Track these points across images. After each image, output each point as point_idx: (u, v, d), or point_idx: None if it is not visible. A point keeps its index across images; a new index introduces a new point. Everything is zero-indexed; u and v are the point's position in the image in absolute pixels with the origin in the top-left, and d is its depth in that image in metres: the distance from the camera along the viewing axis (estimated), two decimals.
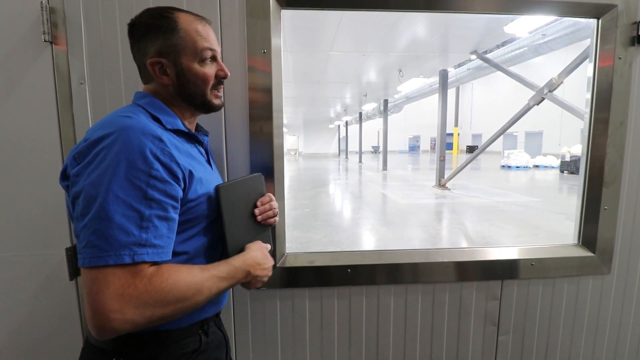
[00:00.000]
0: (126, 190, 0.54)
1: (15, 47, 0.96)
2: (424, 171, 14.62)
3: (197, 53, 0.69)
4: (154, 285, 0.55)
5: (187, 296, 0.58)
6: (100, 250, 0.52)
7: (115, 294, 0.52)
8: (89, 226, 0.53)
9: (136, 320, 0.53)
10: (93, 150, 0.56)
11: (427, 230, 5.04)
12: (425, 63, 8.30)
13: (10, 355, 1.06)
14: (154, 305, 0.54)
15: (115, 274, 0.53)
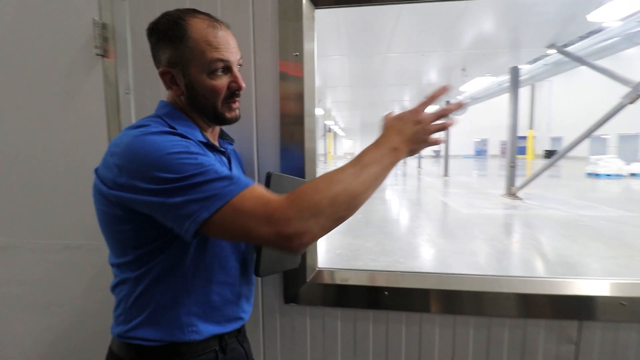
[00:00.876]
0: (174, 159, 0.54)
1: (72, 61, 1.04)
2: (491, 178, 13.43)
3: (205, 65, 0.64)
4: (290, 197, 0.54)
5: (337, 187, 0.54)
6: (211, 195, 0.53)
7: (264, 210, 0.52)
8: (184, 192, 0.53)
9: (309, 223, 0.52)
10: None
11: (493, 244, 4.55)
12: (492, 60, 7.61)
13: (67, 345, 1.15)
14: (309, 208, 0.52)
15: (246, 197, 0.53)
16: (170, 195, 0.52)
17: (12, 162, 1.10)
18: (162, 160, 0.53)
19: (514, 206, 7.18)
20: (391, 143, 0.62)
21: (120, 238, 0.62)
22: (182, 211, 0.52)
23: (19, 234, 1.11)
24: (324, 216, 0.53)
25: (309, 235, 0.52)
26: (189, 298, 0.65)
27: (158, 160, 0.53)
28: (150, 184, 0.53)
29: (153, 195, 0.53)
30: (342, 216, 0.55)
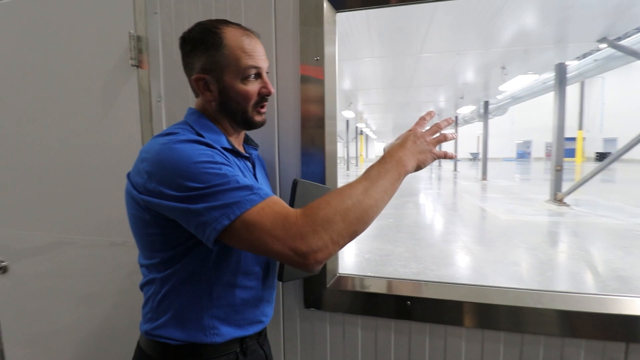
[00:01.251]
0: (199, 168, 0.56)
1: (111, 72, 1.12)
2: (534, 182, 12.60)
3: (240, 71, 0.68)
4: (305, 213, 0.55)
5: (349, 204, 0.56)
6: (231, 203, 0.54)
7: (278, 224, 0.54)
8: (206, 198, 0.55)
9: (323, 240, 0.53)
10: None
11: (535, 254, 4.25)
12: (535, 57, 7.14)
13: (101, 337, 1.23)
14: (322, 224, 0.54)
15: (265, 210, 0.55)
16: (193, 202, 0.54)
17: (63, 166, 1.20)
18: (189, 169, 0.55)
19: (559, 213, 6.67)
20: (395, 156, 0.65)
21: (148, 241, 0.66)
22: (204, 218, 0.54)
23: (72, 231, 1.20)
24: (337, 231, 0.54)
25: (323, 252, 0.53)
26: (211, 301, 0.67)
27: (185, 168, 0.56)
28: (176, 191, 0.55)
29: (178, 201, 0.55)
30: (354, 230, 0.56)
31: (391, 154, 0.65)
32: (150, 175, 0.58)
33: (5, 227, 1.32)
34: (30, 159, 1.25)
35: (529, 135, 28.21)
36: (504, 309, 0.88)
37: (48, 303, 1.29)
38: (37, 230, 1.27)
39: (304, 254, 0.52)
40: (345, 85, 9.41)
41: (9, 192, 1.29)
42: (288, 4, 0.95)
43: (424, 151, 0.68)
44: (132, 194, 0.62)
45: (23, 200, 1.27)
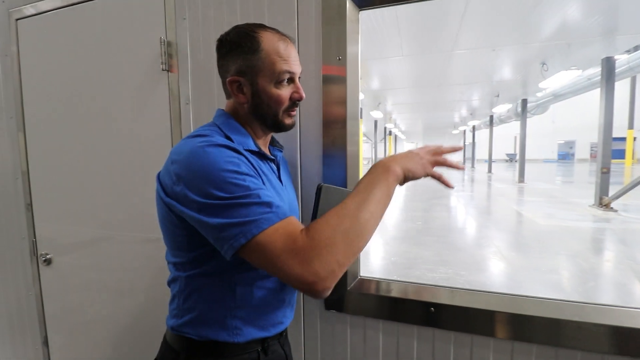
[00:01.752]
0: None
1: (143, 76, 1.18)
2: (578, 185, 11.79)
3: (274, 75, 0.68)
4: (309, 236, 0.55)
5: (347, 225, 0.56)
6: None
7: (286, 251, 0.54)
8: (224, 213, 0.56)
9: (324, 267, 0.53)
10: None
11: (576, 262, 3.97)
12: (579, 51, 6.66)
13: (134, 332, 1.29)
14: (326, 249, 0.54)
15: (279, 232, 0.55)
16: (213, 214, 0.55)
17: (103, 165, 1.28)
18: (215, 176, 0.56)
19: (606, 219, 6.18)
20: (380, 165, 0.65)
21: (175, 240, 0.68)
22: (222, 234, 0.55)
23: (113, 227, 1.27)
24: (342, 252, 0.53)
25: (331, 277, 0.53)
26: (234, 302, 0.68)
27: (212, 175, 0.56)
28: (199, 197, 0.56)
29: (198, 211, 0.57)
30: (358, 248, 0.56)
31: (377, 164, 0.66)
32: (179, 177, 0.59)
33: (52, 222, 1.42)
34: (74, 159, 1.34)
35: (572, 135, 26.41)
36: (537, 320, 0.83)
37: (88, 295, 1.37)
38: (79, 226, 1.36)
39: (312, 283, 0.52)
40: (374, 85, 9.29)
41: (55, 191, 1.40)
42: (310, 4, 0.95)
43: (415, 162, 0.68)
44: (160, 195, 0.64)
45: (68, 198, 1.37)
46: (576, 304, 0.85)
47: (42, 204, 1.45)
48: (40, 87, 1.40)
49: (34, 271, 1.49)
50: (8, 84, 1.46)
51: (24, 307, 1.55)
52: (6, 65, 1.45)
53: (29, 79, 1.42)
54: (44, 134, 1.41)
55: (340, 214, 0.57)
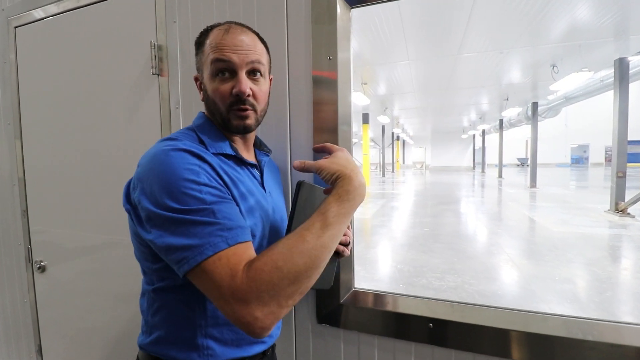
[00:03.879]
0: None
1: (135, 80, 1.15)
2: (592, 190, 11.46)
3: (209, 66, 0.64)
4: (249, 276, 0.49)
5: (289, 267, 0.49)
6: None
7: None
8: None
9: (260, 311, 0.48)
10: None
11: (592, 270, 3.82)
12: (591, 52, 6.52)
13: None
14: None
15: (222, 261, 0.50)
16: (161, 227, 0.52)
17: (99, 169, 1.26)
18: (171, 184, 0.52)
19: (622, 225, 5.97)
20: (359, 191, 0.58)
21: (139, 250, 0.63)
22: (169, 256, 0.52)
23: (114, 232, 1.24)
24: (286, 295, 0.49)
25: (269, 318, 0.48)
26: (205, 320, 0.62)
27: (167, 182, 0.52)
28: (151, 205, 0.52)
29: (147, 220, 0.53)
30: (305, 288, 0.51)
31: (352, 182, 0.57)
32: (138, 181, 0.56)
33: (47, 229, 1.40)
34: (69, 165, 1.32)
35: (585, 139, 25.82)
36: (550, 340, 0.76)
37: (82, 302, 1.34)
38: (74, 232, 1.33)
39: (248, 324, 0.47)
40: (380, 90, 9.25)
41: (50, 197, 1.38)
42: (300, 3, 0.91)
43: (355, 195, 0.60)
44: (123, 202, 0.60)
45: (62, 204, 1.35)
46: (588, 321, 0.78)
47: (37, 210, 1.44)
48: (36, 94, 1.39)
49: (29, 278, 1.47)
50: (6, 91, 1.46)
51: (19, 315, 1.53)
52: (5, 72, 1.46)
53: (26, 86, 1.42)
54: (40, 141, 1.40)
55: (294, 251, 0.49)
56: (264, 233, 0.67)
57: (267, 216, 0.68)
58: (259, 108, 0.67)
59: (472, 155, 29.09)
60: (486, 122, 19.25)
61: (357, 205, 0.58)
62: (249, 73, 0.65)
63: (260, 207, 0.66)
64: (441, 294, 3.21)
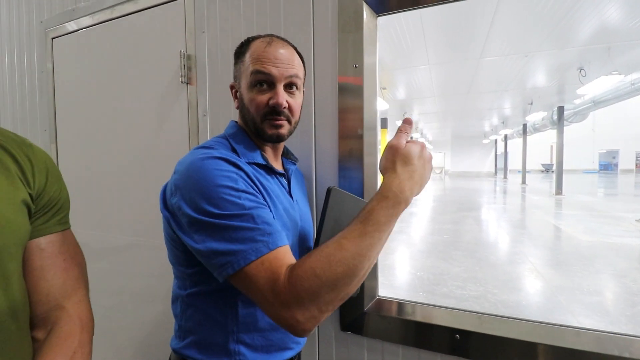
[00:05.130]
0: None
1: (165, 89, 1.20)
2: (622, 198, 10.93)
3: (249, 78, 0.66)
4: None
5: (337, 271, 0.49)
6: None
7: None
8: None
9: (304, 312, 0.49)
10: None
11: (623, 282, 3.63)
12: (621, 55, 6.23)
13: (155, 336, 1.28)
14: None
15: (264, 265, 0.52)
16: (202, 232, 0.53)
17: (133, 174, 1.30)
18: (210, 191, 0.54)
19: None
20: (398, 197, 0.54)
21: (174, 255, 0.65)
22: (211, 261, 0.53)
23: (141, 234, 1.28)
24: (325, 301, 0.50)
25: (311, 322, 0.50)
26: (237, 326, 0.64)
27: (206, 189, 0.54)
28: (191, 210, 0.54)
29: (189, 225, 0.55)
30: (347, 295, 0.52)
31: (393, 189, 0.54)
32: (177, 188, 0.58)
33: (80, 230, 1.46)
34: (101, 170, 1.38)
35: (614, 144, 24.68)
36: (579, 354, 0.72)
37: (113, 300, 1.39)
38: (105, 233, 1.38)
39: (290, 325, 0.50)
40: (399, 94, 9.18)
41: (83, 200, 1.44)
42: (327, 12, 0.92)
43: (427, 179, 0.59)
44: (160, 207, 0.63)
45: (95, 207, 1.41)
46: (624, 337, 0.74)
47: (71, 213, 1.50)
48: (71, 102, 1.46)
49: None
50: (43, 99, 1.55)
51: None
52: (42, 81, 1.54)
53: (61, 94, 1.49)
54: (74, 146, 1.47)
55: (333, 260, 0.49)
56: (292, 241, 0.68)
57: (295, 224, 0.69)
58: (292, 120, 0.70)
59: (493, 160, 28.32)
60: (509, 127, 18.71)
61: (401, 209, 0.54)
62: (286, 86, 0.67)
63: (289, 215, 0.68)
64: (463, 302, 3.12)
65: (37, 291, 0.52)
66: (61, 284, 0.54)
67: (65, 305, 0.53)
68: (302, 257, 0.71)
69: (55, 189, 0.56)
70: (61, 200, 0.58)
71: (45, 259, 0.53)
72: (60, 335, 0.51)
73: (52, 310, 0.52)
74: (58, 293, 0.53)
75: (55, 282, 0.53)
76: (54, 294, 0.53)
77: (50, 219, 0.55)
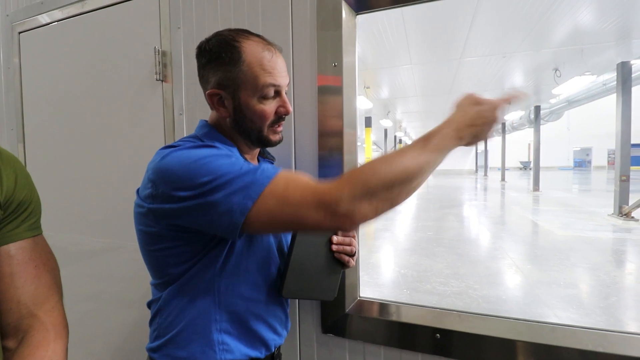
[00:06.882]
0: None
1: (139, 86, 1.15)
2: (596, 194, 11.40)
3: (258, 89, 0.63)
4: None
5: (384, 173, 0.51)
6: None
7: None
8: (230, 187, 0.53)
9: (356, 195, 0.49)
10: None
11: (597, 275, 3.78)
12: (593, 57, 6.51)
13: None
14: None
15: (290, 186, 0.53)
16: (210, 194, 0.52)
17: (99, 176, 1.25)
18: (194, 166, 0.53)
19: (626, 229, 5.92)
20: (459, 131, 0.57)
21: (159, 256, 0.63)
22: (225, 206, 0.51)
23: (118, 236, 1.23)
24: (378, 199, 0.50)
25: (359, 213, 0.49)
26: (220, 314, 0.63)
27: (190, 166, 0.53)
28: (188, 191, 0.53)
29: (192, 199, 0.53)
30: (396, 202, 0.52)
31: (457, 123, 0.57)
32: (155, 183, 0.56)
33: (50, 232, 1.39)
34: (72, 170, 1.32)
35: (588, 142, 25.72)
36: (563, 352, 0.74)
37: (92, 305, 1.32)
38: (77, 235, 1.32)
39: (339, 215, 0.49)
40: (383, 93, 9.26)
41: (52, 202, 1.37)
42: (305, 10, 0.91)
43: (487, 131, 0.60)
44: (141, 208, 0.60)
45: (65, 208, 1.35)
46: (597, 332, 0.76)
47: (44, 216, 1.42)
48: (39, 99, 1.39)
49: None
50: (9, 96, 1.46)
51: None
52: (8, 77, 1.46)
53: (29, 91, 1.42)
54: (43, 145, 1.40)
55: (394, 162, 0.51)
56: (272, 241, 0.71)
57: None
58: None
59: (474, 158, 29.01)
60: None
61: (455, 144, 0.56)
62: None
63: None
64: (445, 299, 3.18)
65: (7, 299, 0.50)
66: (32, 292, 0.52)
67: (37, 313, 0.52)
68: (280, 257, 0.71)
69: (25, 193, 0.54)
70: (32, 205, 0.55)
71: (15, 266, 0.51)
72: (32, 344, 0.50)
73: (23, 319, 0.51)
74: (29, 301, 0.51)
75: (26, 290, 0.51)
76: (25, 301, 0.51)
77: (20, 225, 0.53)
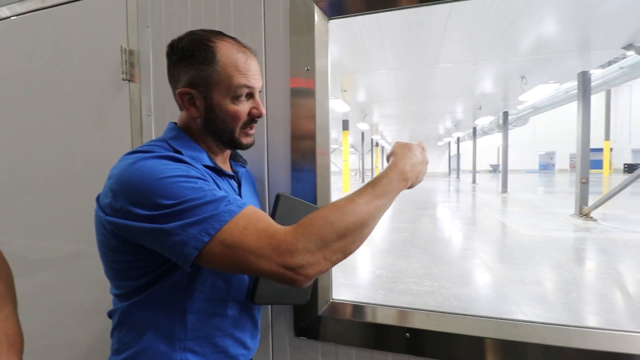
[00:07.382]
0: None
1: (103, 86, 1.10)
2: (559, 195, 12.07)
3: (231, 90, 0.63)
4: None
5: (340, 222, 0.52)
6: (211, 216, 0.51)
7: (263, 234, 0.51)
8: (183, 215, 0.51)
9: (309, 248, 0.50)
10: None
11: (560, 272, 3.99)
12: (557, 66, 6.92)
13: None
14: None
15: (249, 230, 0.51)
16: (167, 220, 0.49)
17: (62, 180, 1.19)
18: (159, 185, 0.50)
19: (586, 228, 6.30)
20: (400, 174, 0.62)
21: (117, 268, 0.60)
22: (180, 237, 0.49)
23: (81, 242, 1.16)
24: (332, 250, 0.50)
25: (314, 268, 0.50)
26: (185, 333, 0.60)
27: (155, 184, 0.51)
28: (146, 210, 0.50)
29: (149, 221, 0.50)
30: (351, 250, 0.53)
31: (395, 168, 0.62)
32: (116, 193, 0.53)
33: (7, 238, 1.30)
34: (31, 172, 1.24)
35: (552, 147, 27.23)
36: (528, 347, 0.78)
37: (52, 317, 1.25)
38: (36, 242, 1.24)
39: (292, 269, 0.49)
40: (360, 97, 9.39)
41: (10, 206, 1.29)
42: (278, 14, 0.91)
43: (424, 172, 0.69)
44: (99, 217, 0.57)
45: (24, 213, 1.27)
46: (556, 327, 0.80)
47: (1, 222, 1.33)
48: None
49: None
50: None
51: None
52: None
53: None
54: (1, 148, 1.31)
55: (345, 210, 0.52)
56: None
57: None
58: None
59: (447, 161, 29.95)
60: (461, 130, 19.91)
61: (403, 186, 0.61)
62: None
63: None
64: (419, 298, 3.25)
65: None
66: None
67: None
68: None
69: None
70: None
71: None
72: None
73: None
74: None
75: None
76: None
77: None
